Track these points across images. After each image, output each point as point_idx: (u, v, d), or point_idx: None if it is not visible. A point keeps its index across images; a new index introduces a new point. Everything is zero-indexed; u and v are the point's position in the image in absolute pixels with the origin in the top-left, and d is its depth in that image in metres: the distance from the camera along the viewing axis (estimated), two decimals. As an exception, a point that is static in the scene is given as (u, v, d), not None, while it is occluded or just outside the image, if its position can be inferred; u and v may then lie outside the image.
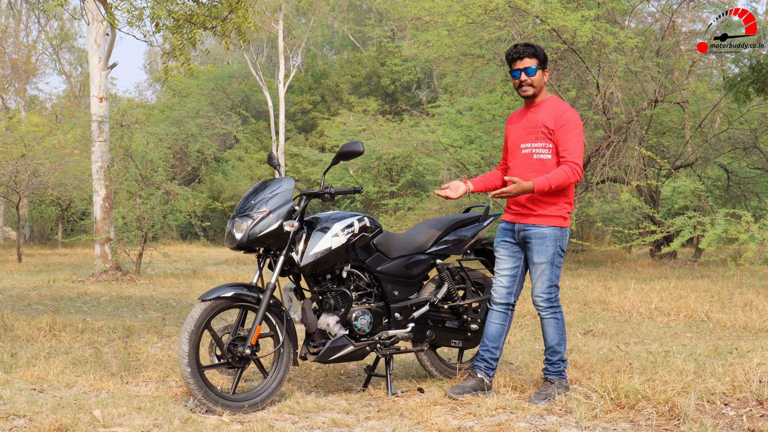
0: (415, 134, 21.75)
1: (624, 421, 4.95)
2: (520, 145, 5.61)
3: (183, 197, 16.05)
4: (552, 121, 5.50)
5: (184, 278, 15.23)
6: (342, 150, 5.46)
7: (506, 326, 5.73)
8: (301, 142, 38.72)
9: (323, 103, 40.70)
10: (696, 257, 18.56)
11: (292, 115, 41.23)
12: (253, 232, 5.26)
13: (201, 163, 17.98)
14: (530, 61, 5.54)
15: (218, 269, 18.03)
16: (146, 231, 15.44)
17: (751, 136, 18.77)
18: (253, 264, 20.79)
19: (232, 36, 7.43)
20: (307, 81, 41.31)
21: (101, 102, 15.07)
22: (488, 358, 5.69)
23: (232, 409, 5.12)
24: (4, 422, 4.75)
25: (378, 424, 4.96)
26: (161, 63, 9.18)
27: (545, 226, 5.50)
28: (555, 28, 13.99)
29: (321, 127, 37.17)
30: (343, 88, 40.03)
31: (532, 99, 5.64)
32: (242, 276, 15.66)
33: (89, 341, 7.78)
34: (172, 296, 12.34)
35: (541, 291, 5.53)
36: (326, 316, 5.54)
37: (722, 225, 11.35)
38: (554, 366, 5.61)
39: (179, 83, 39.90)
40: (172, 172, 16.63)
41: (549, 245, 5.50)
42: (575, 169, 5.40)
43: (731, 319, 9.03)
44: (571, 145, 5.44)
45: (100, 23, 15.05)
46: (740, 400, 5.28)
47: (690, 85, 18.00)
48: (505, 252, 5.67)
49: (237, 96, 41.36)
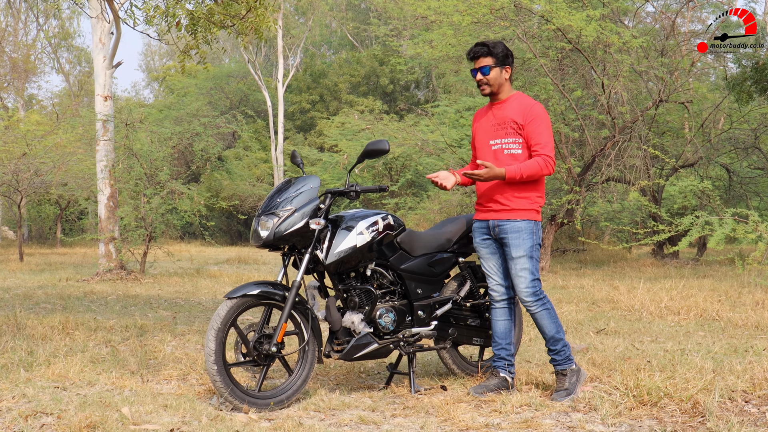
0: (419, 134, 21.76)
1: (648, 418, 4.97)
2: (489, 141, 5.65)
3: (188, 196, 16.06)
4: (521, 116, 5.54)
5: (188, 277, 15.24)
6: (367, 148, 5.48)
7: (513, 320, 5.77)
8: (300, 141, 38.76)
9: (322, 103, 40.75)
10: (698, 257, 18.61)
11: (291, 114, 41.27)
12: (279, 230, 5.28)
13: (205, 162, 17.99)
14: (485, 60, 5.60)
15: (220, 268, 18.04)
16: (151, 230, 15.45)
17: (752, 136, 18.83)
18: (255, 263, 20.82)
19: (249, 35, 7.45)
20: (305, 80, 41.35)
21: (106, 101, 15.08)
22: (505, 355, 5.72)
23: (257, 407, 5.14)
24: (32, 420, 4.77)
25: (405, 421, 4.98)
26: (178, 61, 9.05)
27: (519, 220, 5.55)
28: (560, 28, 14.02)
29: (320, 126, 37.20)
30: (342, 87, 40.08)
31: (495, 96, 5.68)
32: (246, 275, 15.67)
33: (103, 339, 7.79)
34: (178, 295, 12.35)
35: (525, 287, 5.53)
36: (351, 314, 5.56)
37: (730, 225, 11.39)
38: (560, 354, 5.61)
39: (177, 82, 39.92)
40: (176, 171, 16.64)
41: (525, 238, 5.53)
42: (548, 161, 5.48)
43: (742, 318, 9.07)
44: (543, 138, 5.51)
45: (105, 22, 15.07)
46: (761, 398, 5.31)
47: (692, 85, 18.05)
48: (487, 250, 5.72)
49: (235, 95, 41.35)
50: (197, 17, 6.63)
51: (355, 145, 27.57)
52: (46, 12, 36.95)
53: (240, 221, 36.23)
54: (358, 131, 28.92)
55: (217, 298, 11.98)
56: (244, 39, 7.51)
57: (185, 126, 17.32)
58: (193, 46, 7.65)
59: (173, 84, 41.28)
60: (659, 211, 14.71)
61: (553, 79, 14.77)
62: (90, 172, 21.41)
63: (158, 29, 7.81)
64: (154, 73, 53.56)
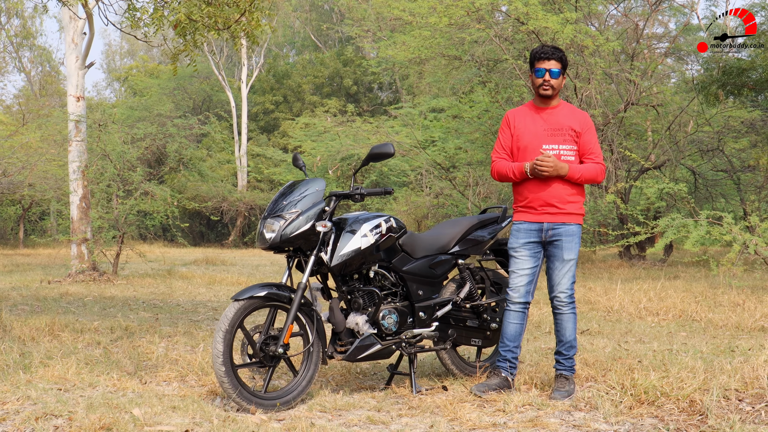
0: (393, 135, 21.84)
1: (649, 417, 5.08)
2: (543, 146, 5.68)
3: (161, 197, 16.00)
4: (578, 125, 5.68)
5: (160, 279, 15.19)
6: (372, 151, 5.54)
7: (524, 325, 5.84)
8: (264, 142, 38.71)
9: (285, 104, 40.72)
10: (665, 258, 18.84)
11: (254, 115, 41.17)
12: (285, 233, 5.33)
13: (178, 163, 17.95)
14: (556, 64, 5.68)
15: (189, 269, 17.98)
16: (123, 231, 15.38)
17: (716, 139, 19.10)
18: (223, 264, 20.78)
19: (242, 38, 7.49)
20: (269, 81, 41.28)
21: (78, 101, 14.99)
22: (510, 357, 5.79)
23: (264, 408, 5.19)
24: (43, 422, 4.77)
25: (412, 420, 5.05)
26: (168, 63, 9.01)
27: (573, 224, 5.69)
28: (534, 31, 14.14)
29: (283, 127, 37.18)
30: (306, 88, 40.09)
31: (547, 100, 5.75)
32: (219, 277, 15.65)
33: (91, 341, 7.78)
34: (155, 297, 12.33)
35: (566, 287, 5.68)
36: (355, 315, 5.62)
37: (705, 227, 11.58)
38: (569, 361, 5.75)
39: (139, 82, 39.65)
40: (148, 172, 16.58)
41: (577, 242, 5.69)
42: (602, 170, 5.68)
43: (722, 319, 9.24)
44: (597, 148, 5.70)
45: (80, 18, 14.98)
46: (754, 396, 5.43)
47: (656, 88, 18.27)
48: (527, 252, 5.74)
49: (199, 96, 41.16)
50: (194, 20, 6.64)
51: (320, 146, 27.63)
52: (8, 11, 36.54)
53: (203, 222, 36.09)
54: (323, 132, 28.98)
55: (195, 300, 11.98)
56: (237, 43, 7.53)
57: (156, 128, 17.25)
58: (183, 49, 7.66)
59: (135, 84, 41.01)
60: (634, 212, 14.88)
61: (527, 83, 14.90)
62: (59, 173, 21.24)
63: (146, 32, 7.76)
64: (116, 72, 53.11)
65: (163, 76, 40.22)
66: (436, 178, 22.61)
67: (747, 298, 10.52)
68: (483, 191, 19.24)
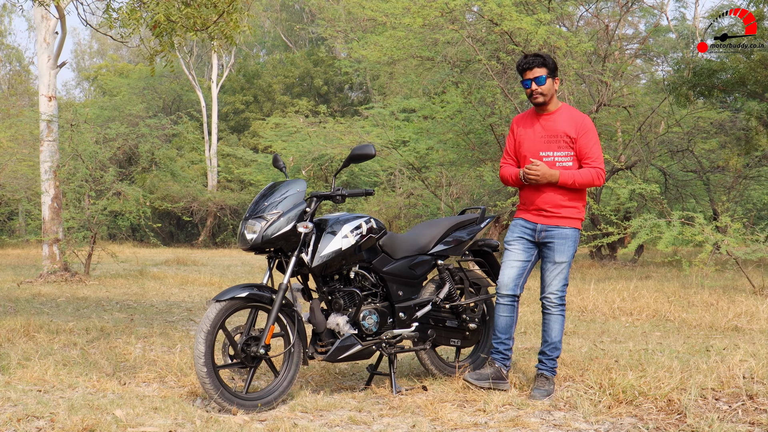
0: (365, 136, 21.84)
1: (628, 416, 5.13)
2: (540, 153, 5.77)
3: (134, 198, 15.93)
4: (573, 130, 5.72)
5: (132, 279, 15.12)
6: (353, 153, 5.56)
7: (514, 317, 5.92)
8: (234, 142, 38.58)
9: (256, 104, 40.63)
10: (636, 258, 18.98)
11: (224, 115, 41.04)
12: (266, 234, 5.33)
13: (151, 163, 17.88)
14: (540, 71, 5.72)
15: (160, 270, 17.90)
16: (95, 232, 15.30)
17: (685, 139, 19.28)
18: (194, 264, 20.70)
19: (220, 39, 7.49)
20: (239, 81, 41.18)
21: (50, 101, 14.90)
22: (503, 350, 5.88)
23: (246, 408, 5.19)
24: (24, 423, 4.75)
25: (394, 421, 5.07)
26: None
27: (567, 228, 5.76)
28: (507, 31, 14.18)
29: (254, 127, 37.06)
30: (276, 88, 40.01)
31: (544, 107, 5.82)
32: (191, 277, 15.58)
33: (67, 342, 7.75)
34: (128, 297, 12.27)
35: (556, 289, 5.76)
36: (335, 316, 5.64)
37: (677, 227, 11.68)
38: (552, 362, 5.82)
39: (109, 82, 39.40)
40: (120, 172, 16.50)
41: (570, 245, 5.76)
42: (600, 174, 5.69)
43: (696, 319, 9.33)
44: (594, 151, 5.71)
45: (49, 20, 14.90)
46: (730, 396, 5.50)
47: (630, 89, 18.41)
48: (520, 246, 5.86)
49: (168, 95, 40.95)
50: (174, 21, 6.62)
51: (291, 146, 27.56)
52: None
53: (173, 222, 35.93)
54: (294, 132, 28.94)
55: (169, 300, 11.94)
56: (216, 44, 7.53)
57: (128, 128, 17.16)
58: (161, 50, 7.64)
59: (105, 84, 40.75)
60: (605, 212, 14.98)
61: (500, 83, 14.96)
62: (29, 173, 21.09)
63: (122, 33, 7.72)
64: (85, 72, 52.74)
65: (133, 76, 40.01)
66: (408, 178, 22.66)
67: (719, 298, 10.63)
68: (456, 192, 19.30)
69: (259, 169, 32.50)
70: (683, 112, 18.42)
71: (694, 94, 17.22)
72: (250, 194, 33.88)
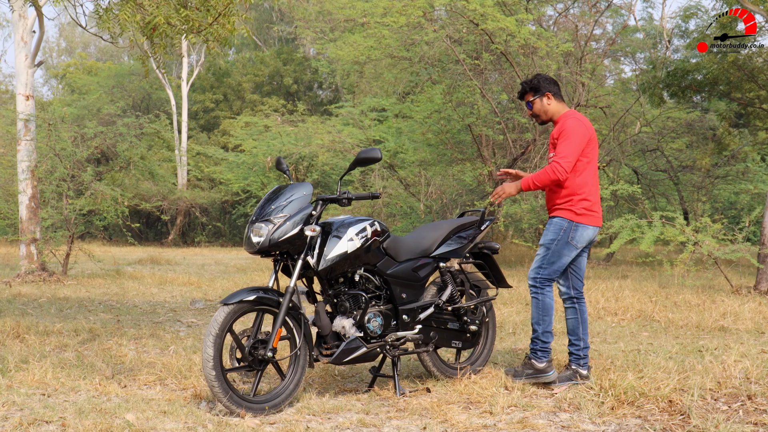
0: (338, 135, 21.80)
1: (633, 417, 5.19)
2: (549, 155, 6.18)
3: (111, 197, 15.84)
4: (557, 133, 6.07)
5: (110, 279, 15.03)
6: (359, 156, 5.59)
7: (579, 318, 6.17)
8: (204, 140, 38.38)
9: (225, 102, 40.47)
10: (608, 259, 19.12)
11: (194, 113, 40.83)
12: (273, 237, 5.35)
13: (128, 163, 17.79)
14: (528, 96, 6.24)
15: (136, 269, 17.80)
16: (73, 232, 15.21)
17: (656, 139, 19.47)
18: (168, 263, 20.59)
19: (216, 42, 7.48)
20: (209, 80, 40.98)
21: (28, 100, 14.78)
22: (573, 350, 6.15)
23: (253, 411, 5.20)
24: (35, 428, 4.74)
25: (403, 423, 5.10)
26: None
27: (556, 216, 6.05)
28: (487, 32, 14.23)
29: (224, 125, 36.90)
30: (246, 87, 39.88)
31: (548, 122, 6.29)
32: (169, 277, 15.51)
33: (59, 344, 7.71)
34: (108, 297, 12.20)
35: (530, 270, 6.06)
36: (341, 319, 5.66)
37: (659, 227, 11.80)
38: (533, 343, 6.13)
39: (78, 80, 39.07)
40: (98, 172, 16.40)
41: (551, 231, 6.05)
42: (555, 167, 5.90)
43: (683, 319, 9.43)
44: (562, 148, 5.96)
45: (26, 19, 14.78)
46: (729, 396, 5.59)
47: (602, 90, 18.55)
48: (555, 248, 6.15)
49: (138, 94, 40.63)
50: (173, 24, 6.61)
51: (261, 145, 27.47)
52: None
53: (142, 220, 35.68)
54: (264, 130, 28.84)
55: (151, 301, 11.89)
56: (212, 46, 7.52)
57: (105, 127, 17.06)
58: (156, 52, 7.61)
59: (74, 82, 40.40)
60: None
61: (478, 84, 15.03)
62: (3, 172, 20.89)
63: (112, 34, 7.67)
64: (54, 70, 52.25)
65: (102, 74, 39.70)
66: (381, 177, 22.66)
67: (701, 298, 10.74)
68: (434, 191, 19.35)
69: (229, 167, 32.34)
70: (655, 112, 18.60)
71: (668, 94, 17.41)
72: (220, 193, 33.76)
